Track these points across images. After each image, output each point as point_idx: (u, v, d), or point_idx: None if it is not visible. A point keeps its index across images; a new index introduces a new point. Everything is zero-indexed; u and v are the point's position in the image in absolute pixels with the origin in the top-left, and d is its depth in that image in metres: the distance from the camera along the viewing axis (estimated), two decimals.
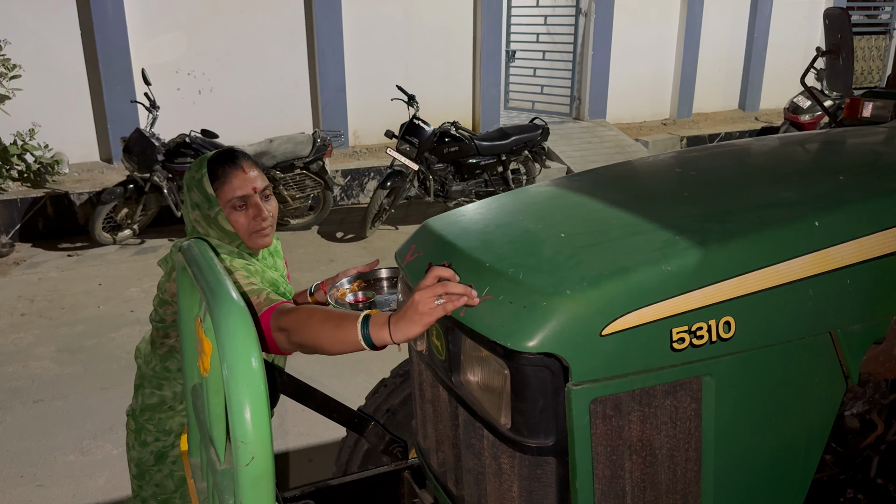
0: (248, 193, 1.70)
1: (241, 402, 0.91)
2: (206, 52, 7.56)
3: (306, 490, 1.67)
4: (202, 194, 1.69)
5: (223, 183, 1.69)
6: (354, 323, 1.33)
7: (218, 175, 1.69)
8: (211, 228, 1.72)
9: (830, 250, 1.28)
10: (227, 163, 1.71)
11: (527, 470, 1.23)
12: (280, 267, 1.91)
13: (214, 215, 1.69)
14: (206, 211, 1.70)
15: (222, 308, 0.98)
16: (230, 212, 1.69)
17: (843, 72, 2.14)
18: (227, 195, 1.68)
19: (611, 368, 1.15)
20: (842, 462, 1.58)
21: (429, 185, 6.35)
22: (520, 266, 1.25)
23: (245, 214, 1.70)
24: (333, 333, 1.35)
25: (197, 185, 1.70)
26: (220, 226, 1.70)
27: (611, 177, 1.77)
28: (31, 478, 2.96)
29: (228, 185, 1.69)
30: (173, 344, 1.75)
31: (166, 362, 1.77)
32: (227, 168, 1.70)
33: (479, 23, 8.82)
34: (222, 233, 1.72)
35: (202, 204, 1.70)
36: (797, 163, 1.80)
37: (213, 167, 1.70)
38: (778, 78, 11.28)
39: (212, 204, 1.69)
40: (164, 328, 1.73)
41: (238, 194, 1.69)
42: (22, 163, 6.42)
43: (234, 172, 1.70)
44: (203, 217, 1.71)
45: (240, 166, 1.71)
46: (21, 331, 4.40)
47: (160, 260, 1.75)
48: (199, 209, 1.71)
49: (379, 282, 1.98)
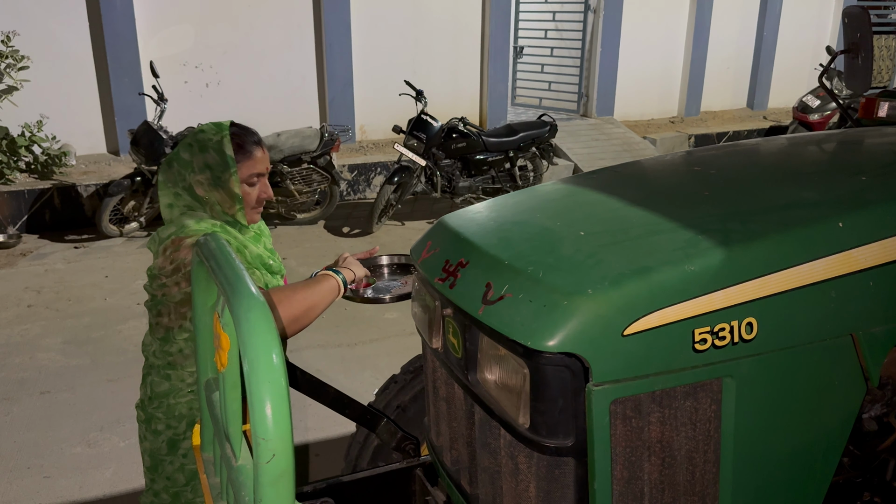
0: (263, 172, 1.80)
1: (263, 398, 0.90)
2: (213, 45, 7.54)
3: (319, 486, 1.66)
4: (220, 157, 1.72)
5: (248, 157, 1.75)
6: (326, 274, 1.73)
7: (245, 149, 1.75)
8: (215, 191, 1.74)
9: (853, 252, 1.27)
10: (253, 139, 1.78)
11: (544, 470, 1.22)
12: (268, 245, 1.93)
13: (227, 177, 1.72)
14: (218, 172, 1.72)
15: (243, 303, 0.96)
16: (245, 185, 1.76)
17: (861, 71, 2.12)
18: (249, 170, 1.76)
19: (632, 369, 1.14)
20: (859, 465, 1.57)
21: (436, 181, 6.34)
22: (539, 264, 1.24)
23: (255, 190, 1.79)
24: (317, 289, 1.68)
25: (215, 147, 1.72)
26: (229, 188, 1.73)
27: (628, 175, 1.75)
28: (38, 469, 2.97)
29: (251, 161, 1.76)
30: (168, 324, 1.75)
31: (166, 346, 1.78)
32: (251, 145, 1.77)
33: (487, 18, 8.79)
34: (227, 196, 1.74)
35: (216, 165, 1.72)
36: (818, 163, 1.78)
37: (237, 139, 1.75)
38: (787, 77, 11.24)
39: (228, 166, 1.72)
40: (154, 306, 1.74)
41: (257, 170, 1.77)
42: (29, 154, 6.42)
43: (258, 150, 1.78)
44: (212, 178, 1.73)
45: (262, 145, 1.80)
46: (28, 322, 4.40)
47: (148, 242, 1.79)
48: (209, 170, 1.73)
49: (379, 268, 2.01)
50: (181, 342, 1.76)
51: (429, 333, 1.50)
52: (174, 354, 1.78)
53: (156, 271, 1.71)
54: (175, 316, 1.73)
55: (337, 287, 1.73)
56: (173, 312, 1.72)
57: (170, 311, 1.73)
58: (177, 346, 1.77)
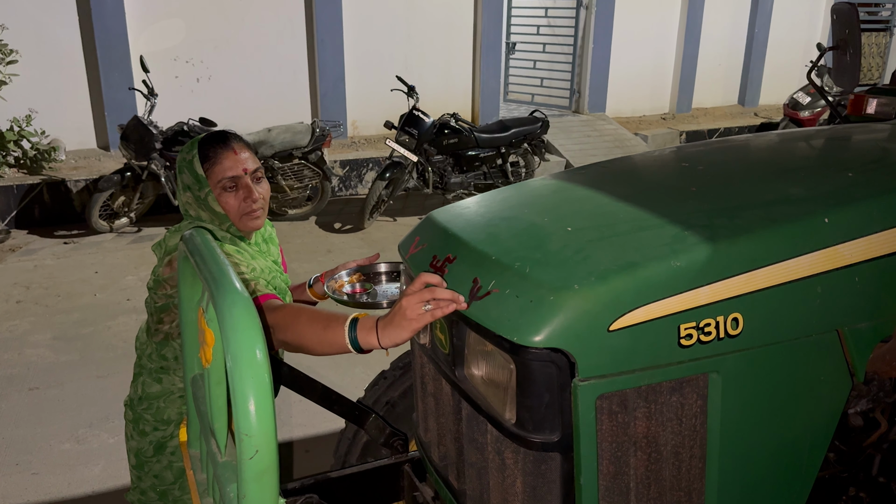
0: (239, 174, 1.68)
1: (246, 394, 0.89)
2: (204, 40, 7.51)
3: (306, 482, 1.66)
4: (192, 175, 1.68)
5: (214, 164, 1.67)
6: (342, 325, 1.33)
7: (209, 156, 1.67)
8: (202, 210, 1.71)
9: (839, 247, 1.27)
10: (219, 144, 1.69)
11: (531, 465, 1.22)
12: (274, 253, 1.88)
13: (204, 196, 1.68)
14: (196, 192, 1.68)
15: (226, 298, 0.96)
16: (220, 193, 1.68)
17: (849, 67, 2.12)
18: (218, 176, 1.67)
19: (618, 364, 1.14)
20: (845, 460, 1.58)
21: (427, 177, 6.33)
22: (526, 260, 1.24)
23: (235, 196, 1.68)
24: (320, 335, 1.36)
25: (188, 167, 1.68)
26: (210, 207, 1.69)
27: (617, 170, 1.75)
28: (27, 465, 2.95)
29: (219, 166, 1.67)
30: (168, 331, 1.73)
31: (162, 350, 1.76)
32: (217, 149, 1.68)
33: (479, 14, 8.78)
34: (213, 215, 1.70)
35: (193, 185, 1.68)
36: (805, 159, 1.78)
37: (204, 148, 1.68)
38: (778, 74, 11.28)
39: (202, 185, 1.67)
40: (157, 311, 1.71)
41: (228, 175, 1.67)
42: (18, 149, 6.38)
43: (224, 153, 1.68)
44: (194, 199, 1.70)
45: (231, 147, 1.69)
46: (17, 318, 4.37)
47: (154, 244, 1.74)
48: (190, 191, 1.70)
49: (378, 276, 1.95)
50: (178, 349, 1.74)
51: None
52: (168, 360, 1.76)
53: (161, 279, 1.68)
54: (178, 324, 1.70)
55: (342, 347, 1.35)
56: (176, 320, 1.70)
57: (172, 318, 1.70)
58: (173, 352, 1.76)
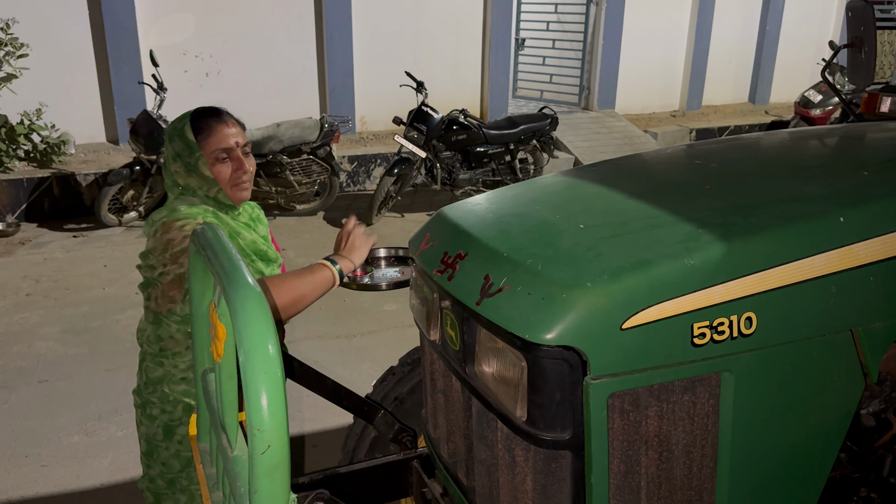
0: (231, 146, 1.77)
1: (258, 389, 0.89)
2: (213, 35, 7.51)
3: (315, 477, 1.66)
4: (183, 142, 1.76)
5: (208, 135, 1.76)
6: (326, 265, 1.72)
7: (201, 128, 1.76)
8: (191, 177, 1.78)
9: (854, 247, 1.26)
10: (211, 117, 1.79)
11: (541, 463, 1.22)
12: (262, 232, 1.94)
13: (195, 161, 1.75)
14: (186, 159, 1.76)
15: (239, 293, 0.96)
16: (213, 163, 1.76)
17: (864, 65, 2.11)
18: (212, 146, 1.76)
19: (630, 363, 1.13)
20: (856, 461, 1.57)
21: (436, 173, 6.32)
22: (538, 257, 1.23)
23: (227, 167, 1.78)
24: (311, 280, 1.67)
25: (178, 135, 1.77)
26: (200, 172, 1.76)
27: (629, 167, 1.74)
28: (36, 458, 2.97)
29: (213, 138, 1.76)
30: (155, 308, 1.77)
31: (158, 330, 1.79)
32: (211, 121, 1.78)
33: (489, 10, 8.75)
34: (202, 180, 1.77)
35: (183, 152, 1.76)
36: (820, 157, 1.77)
37: (196, 120, 1.77)
38: (789, 71, 11.20)
39: (192, 150, 1.75)
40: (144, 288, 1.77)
41: (222, 146, 1.76)
42: (28, 143, 6.40)
43: (218, 126, 1.77)
44: (184, 166, 1.77)
45: (224, 121, 1.79)
46: (26, 310, 4.39)
47: (144, 226, 1.81)
48: (180, 159, 1.77)
49: (377, 260, 2.03)
50: (173, 327, 1.76)
51: (427, 325, 1.49)
52: (165, 340, 1.78)
53: (146, 251, 1.75)
54: (163, 300, 1.73)
55: (332, 279, 1.71)
56: (161, 297, 1.73)
57: (158, 294, 1.74)
58: (167, 331, 1.77)
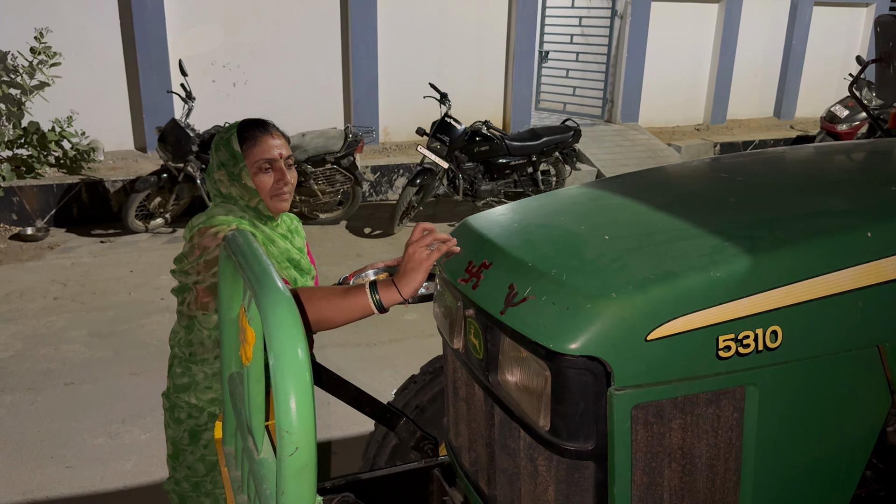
0: (275, 157, 1.81)
1: (287, 392, 0.91)
2: (241, 45, 7.62)
3: (338, 483, 1.67)
4: (229, 152, 1.80)
5: (253, 145, 1.80)
6: (362, 290, 1.49)
7: (247, 138, 1.80)
8: (233, 186, 1.81)
9: (882, 262, 1.25)
10: (258, 128, 1.82)
11: (564, 473, 1.22)
12: (298, 244, 1.96)
13: (238, 171, 1.79)
14: (230, 168, 1.80)
15: (269, 298, 0.98)
16: (256, 172, 1.79)
17: (893, 81, 2.09)
18: (256, 156, 1.79)
19: (654, 374, 1.14)
20: (882, 478, 1.55)
21: (458, 184, 6.34)
22: (563, 267, 1.24)
23: (270, 177, 1.81)
24: (340, 303, 1.50)
25: (225, 144, 1.81)
26: (242, 182, 1.80)
27: (654, 180, 1.75)
28: (61, 459, 3.01)
29: (258, 148, 1.80)
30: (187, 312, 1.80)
31: (189, 335, 1.82)
32: (257, 132, 1.81)
33: (513, 22, 8.79)
34: (243, 190, 1.81)
35: (228, 162, 1.80)
36: (847, 172, 1.76)
37: (243, 130, 1.81)
38: (815, 86, 11.10)
39: (237, 161, 1.79)
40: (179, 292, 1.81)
41: (266, 157, 1.79)
42: (59, 149, 6.52)
43: (263, 137, 1.81)
44: (227, 175, 1.81)
45: (269, 132, 1.83)
46: (54, 314, 4.47)
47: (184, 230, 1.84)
48: (224, 168, 1.81)
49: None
50: (204, 333, 1.79)
51: (450, 334, 1.50)
52: (195, 345, 1.81)
53: (183, 253, 1.78)
54: (195, 304, 1.77)
55: (366, 308, 1.49)
56: (193, 301, 1.77)
57: (191, 298, 1.77)
58: (199, 336, 1.80)
